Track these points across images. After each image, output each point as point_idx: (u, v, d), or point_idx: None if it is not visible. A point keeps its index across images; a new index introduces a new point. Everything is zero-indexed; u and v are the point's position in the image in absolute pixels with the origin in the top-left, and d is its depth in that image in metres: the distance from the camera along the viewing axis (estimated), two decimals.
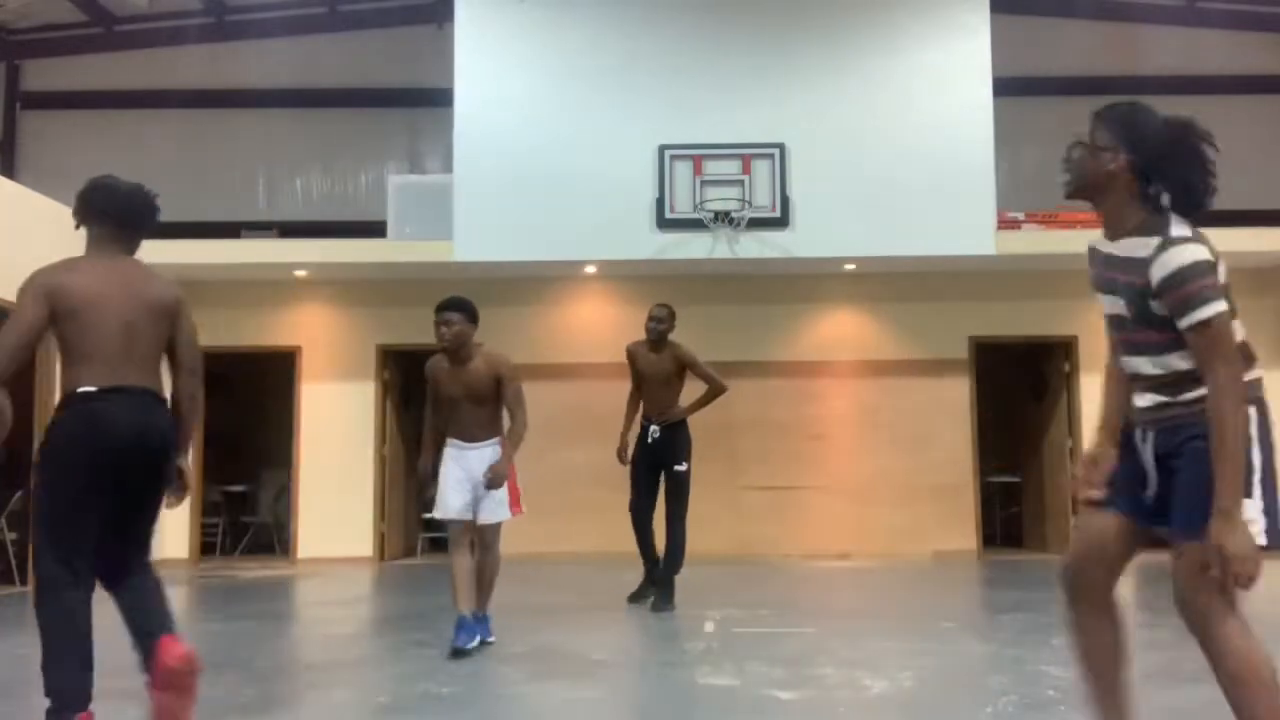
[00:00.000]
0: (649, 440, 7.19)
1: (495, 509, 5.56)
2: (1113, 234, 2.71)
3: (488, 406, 5.62)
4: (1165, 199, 2.64)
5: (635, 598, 7.32)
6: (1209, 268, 2.51)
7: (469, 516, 5.53)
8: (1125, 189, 2.67)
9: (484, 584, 5.60)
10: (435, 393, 5.62)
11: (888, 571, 9.53)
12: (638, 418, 7.37)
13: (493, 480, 5.46)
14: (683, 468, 7.15)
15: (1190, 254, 2.51)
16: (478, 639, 5.36)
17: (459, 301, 5.52)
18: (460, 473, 5.56)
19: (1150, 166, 2.64)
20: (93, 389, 3.56)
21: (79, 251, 4.11)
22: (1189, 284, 2.50)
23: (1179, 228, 2.58)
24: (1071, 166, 2.81)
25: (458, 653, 5.17)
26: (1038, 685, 4.40)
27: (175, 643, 3.51)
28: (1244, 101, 12.85)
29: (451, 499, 5.54)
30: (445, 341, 5.41)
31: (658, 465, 7.20)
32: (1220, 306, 2.50)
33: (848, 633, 5.95)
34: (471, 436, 5.63)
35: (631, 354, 7.40)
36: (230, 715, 4.10)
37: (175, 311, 3.75)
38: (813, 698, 4.26)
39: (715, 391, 7.32)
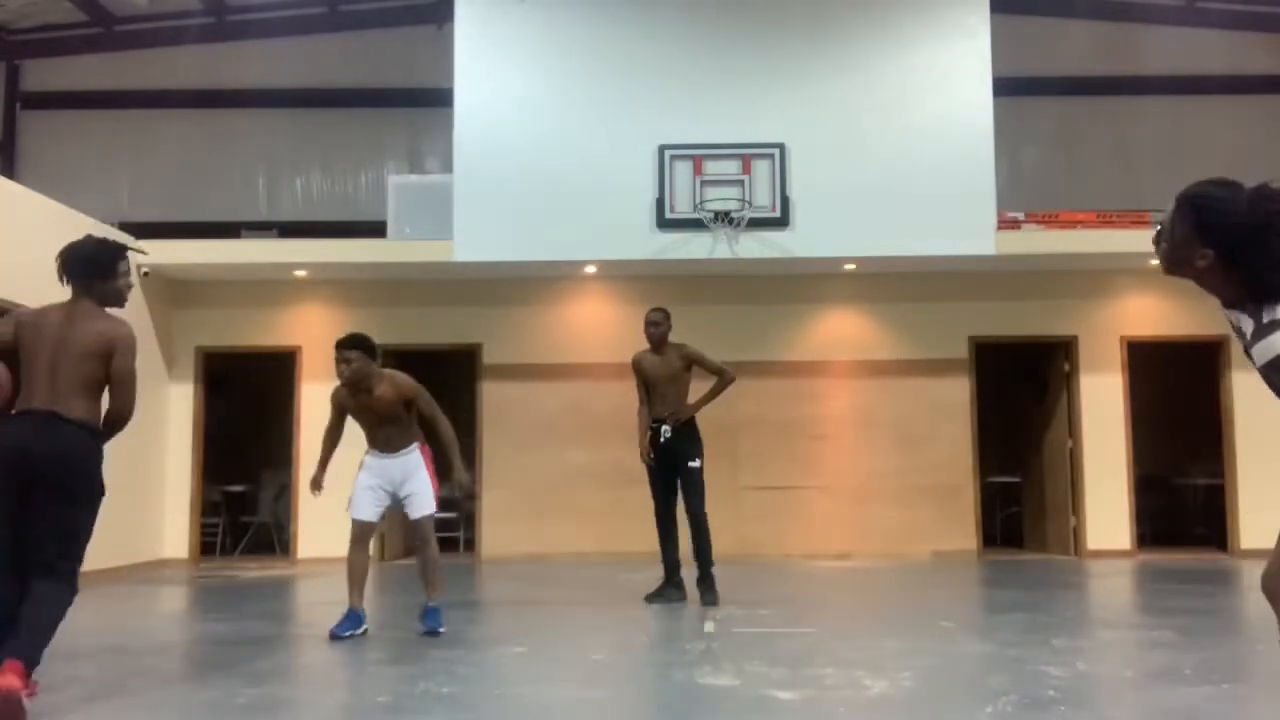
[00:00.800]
0: (661, 441, 7.27)
1: (424, 504, 6.11)
2: (1226, 304, 2.55)
3: (401, 423, 6.09)
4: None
5: (655, 598, 7.32)
6: None
7: (376, 520, 6.28)
8: (1219, 274, 2.48)
9: (432, 576, 6.07)
10: (338, 417, 6.23)
11: (888, 571, 9.53)
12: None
13: (469, 490, 6.39)
14: (696, 464, 7.22)
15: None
16: (363, 628, 5.95)
17: (357, 340, 6.01)
18: (375, 479, 6.14)
19: (1234, 256, 2.43)
20: (11, 413, 4.16)
21: None
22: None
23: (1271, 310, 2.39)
24: (1161, 256, 2.62)
25: (335, 638, 5.74)
26: (1038, 685, 4.40)
27: (8, 672, 3.76)
28: (1244, 101, 12.86)
29: (364, 502, 6.20)
30: (345, 378, 5.93)
31: (672, 466, 7.29)
32: None
33: (848, 633, 5.95)
34: (392, 448, 6.14)
35: (636, 363, 7.57)
36: (230, 715, 4.10)
37: (107, 351, 4.18)
38: (813, 698, 4.26)
39: (725, 382, 7.41)
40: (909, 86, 10.09)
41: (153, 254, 10.30)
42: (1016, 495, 12.20)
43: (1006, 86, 10.44)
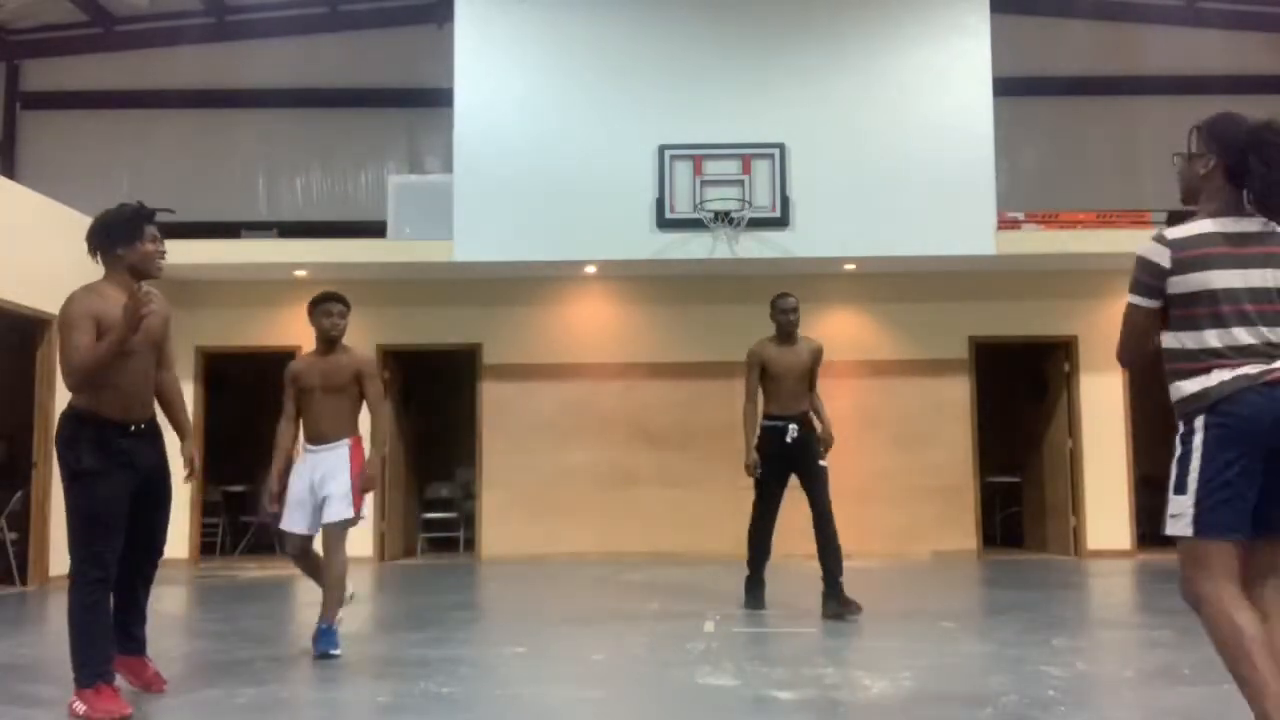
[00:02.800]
0: (788, 441, 6.66)
1: (338, 507, 5.29)
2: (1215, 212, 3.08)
3: (342, 401, 5.44)
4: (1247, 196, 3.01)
5: (756, 603, 6.74)
6: (1142, 264, 3.21)
7: (312, 532, 5.40)
8: (1216, 181, 3.05)
9: (330, 594, 5.30)
10: (297, 398, 5.59)
11: (888, 571, 9.52)
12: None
13: (367, 483, 5.32)
14: (825, 463, 6.74)
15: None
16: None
17: (341, 295, 5.63)
18: (304, 484, 5.39)
19: (1238, 166, 2.98)
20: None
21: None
22: None
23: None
24: (1179, 174, 3.21)
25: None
26: (1038, 685, 4.40)
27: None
28: (1244, 101, 12.77)
29: (295, 513, 5.40)
30: (335, 332, 5.44)
31: (793, 469, 6.72)
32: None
33: (848, 633, 5.95)
34: (321, 436, 5.44)
35: (759, 355, 6.98)
36: (230, 715, 4.10)
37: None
38: (813, 698, 4.26)
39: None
40: (909, 86, 10.09)
41: None
42: (1016, 495, 12.20)
43: (1006, 86, 10.45)
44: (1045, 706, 4.03)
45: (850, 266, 10.68)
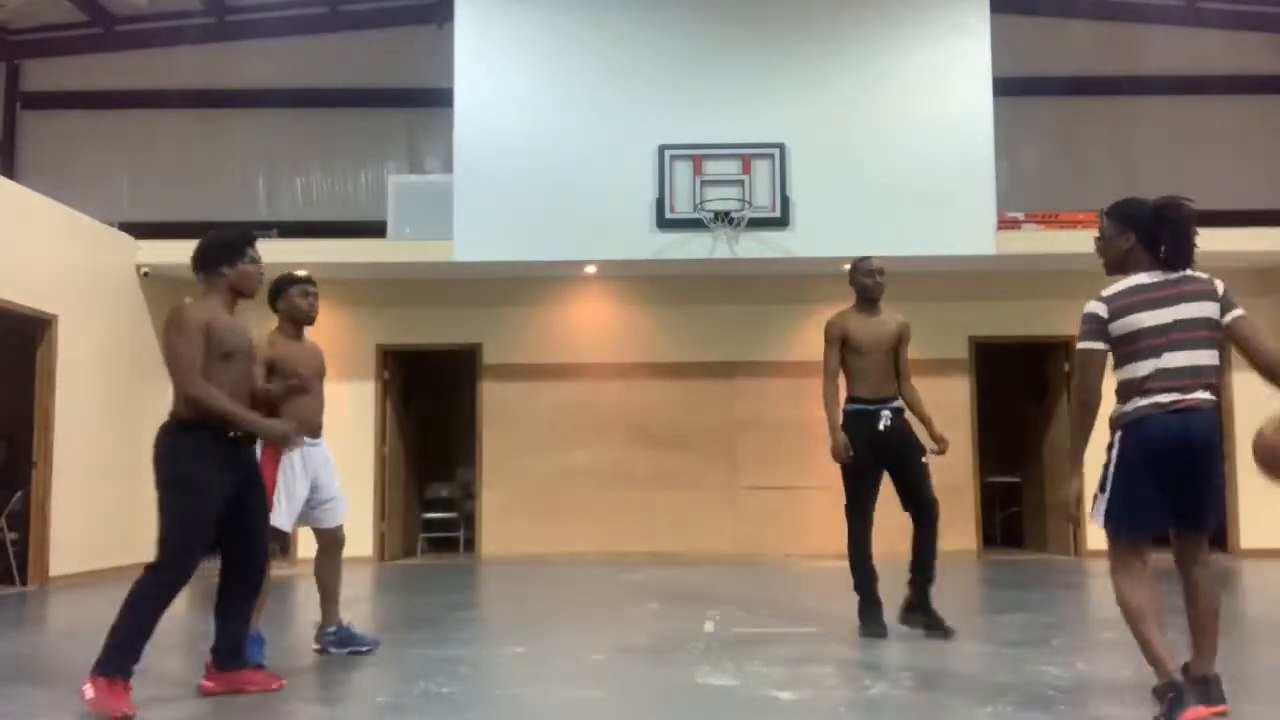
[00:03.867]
0: (881, 428, 5.83)
1: (344, 507, 5.51)
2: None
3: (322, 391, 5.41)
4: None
5: (876, 629, 5.84)
6: (1087, 317, 3.77)
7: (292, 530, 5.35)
8: (1140, 252, 3.77)
9: (332, 590, 5.51)
10: (283, 372, 5.14)
11: (888, 571, 9.50)
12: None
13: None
14: (926, 458, 5.94)
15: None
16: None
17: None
18: (305, 481, 5.27)
19: (1151, 239, 3.74)
20: None
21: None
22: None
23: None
24: (1100, 251, 3.93)
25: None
26: (1038, 685, 4.40)
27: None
28: (1244, 101, 12.86)
29: (292, 510, 5.30)
30: (314, 313, 5.41)
31: (888, 460, 5.91)
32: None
33: (848, 633, 5.95)
34: (317, 429, 5.36)
35: (839, 326, 6.01)
36: (230, 715, 4.10)
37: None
38: (813, 698, 4.26)
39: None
40: (909, 86, 10.09)
41: (153, 254, 10.34)
42: (1016, 495, 12.20)
43: (1006, 86, 10.44)
44: (1045, 707, 4.03)
45: (849, 266, 10.67)
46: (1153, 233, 3.72)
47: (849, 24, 10.25)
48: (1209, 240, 11.19)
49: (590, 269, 10.76)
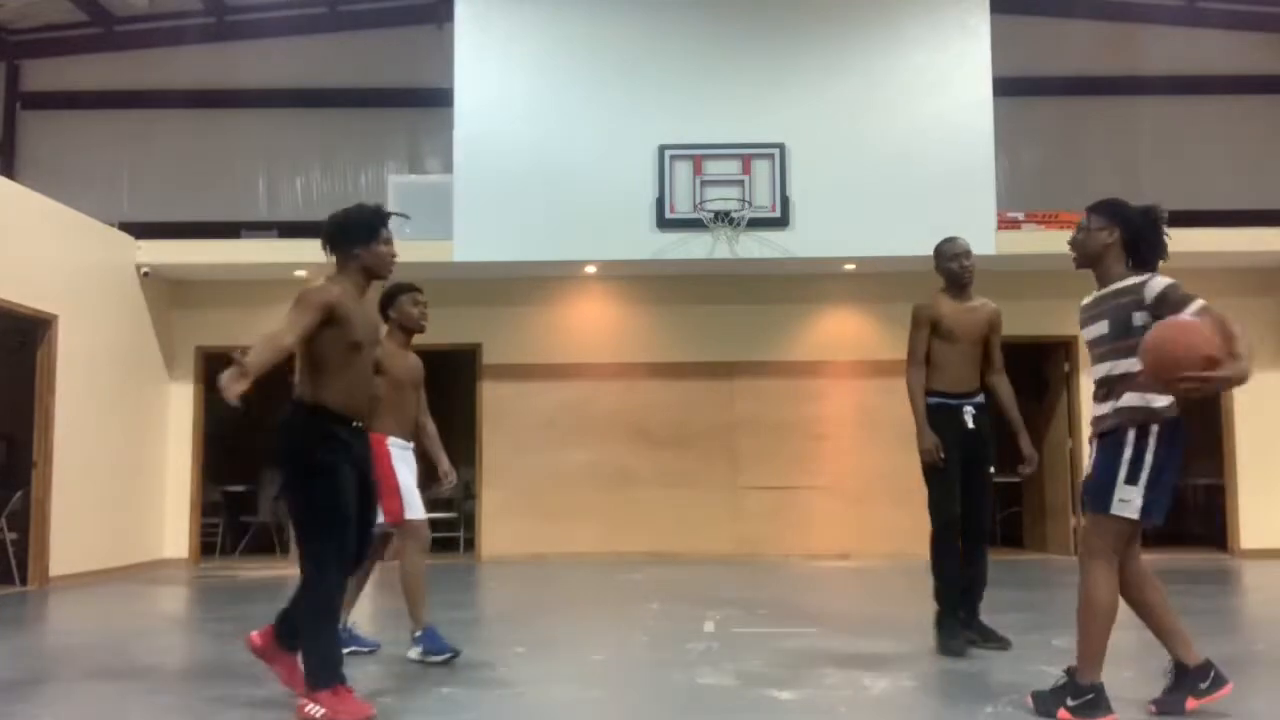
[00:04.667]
0: (969, 425, 5.35)
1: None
2: (1104, 284, 3.94)
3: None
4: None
5: (954, 648, 5.22)
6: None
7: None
8: (1115, 250, 3.95)
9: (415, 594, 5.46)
10: (386, 373, 5.04)
11: (888, 571, 9.52)
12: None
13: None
14: (992, 469, 5.54)
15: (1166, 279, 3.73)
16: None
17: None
18: (407, 470, 5.34)
19: (1134, 238, 3.90)
20: None
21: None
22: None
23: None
24: (1077, 244, 4.10)
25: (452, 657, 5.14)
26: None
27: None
28: (1244, 101, 12.87)
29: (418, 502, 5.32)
30: (424, 321, 5.25)
31: (970, 460, 5.40)
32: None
33: (848, 633, 5.95)
34: (411, 433, 5.42)
35: (931, 309, 5.46)
36: (230, 715, 4.10)
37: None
38: (813, 698, 4.26)
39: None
40: (909, 86, 10.09)
41: (153, 254, 10.34)
42: (1016, 495, 12.20)
43: (1006, 86, 10.45)
44: None
45: (850, 266, 10.68)
46: (1138, 233, 3.87)
47: (849, 24, 10.26)
48: (1209, 240, 11.23)
49: (590, 269, 10.76)
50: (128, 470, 10.16)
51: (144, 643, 6.08)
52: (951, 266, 5.51)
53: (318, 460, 3.92)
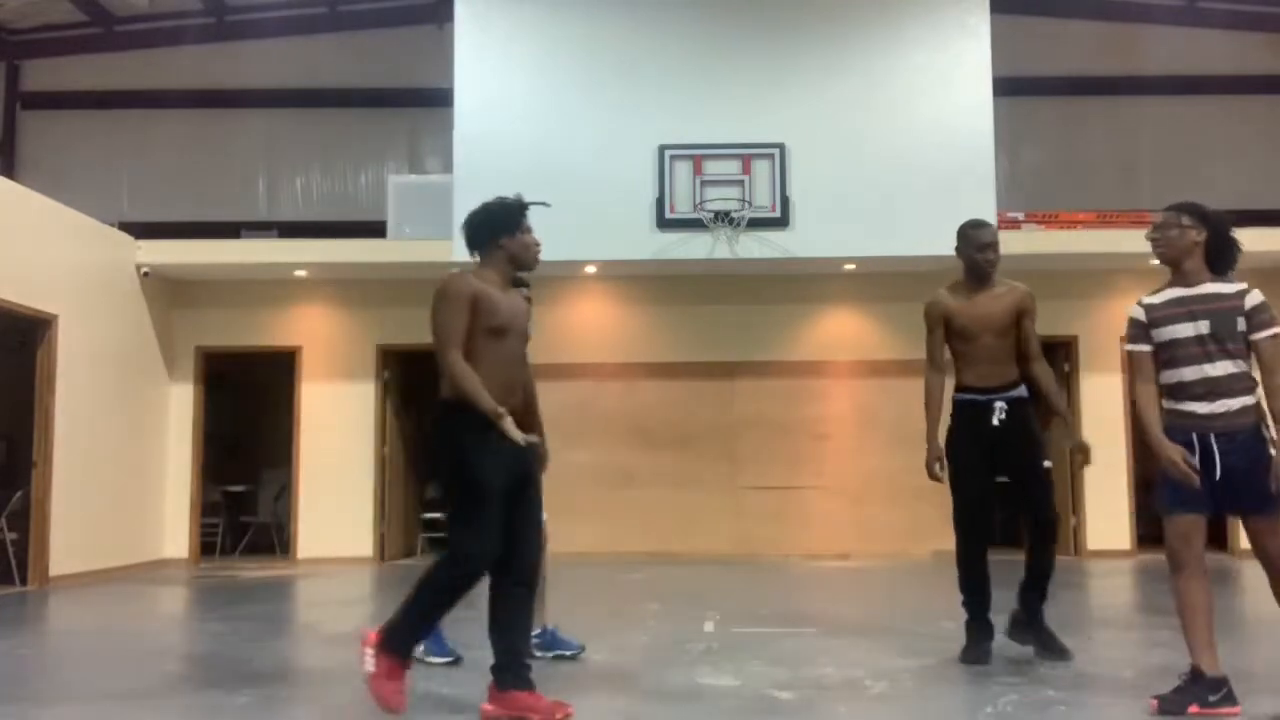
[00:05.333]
0: (995, 423, 5.02)
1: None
2: (1188, 285, 4.03)
3: None
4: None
5: (977, 656, 5.00)
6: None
7: None
8: (1199, 251, 4.05)
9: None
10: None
11: (888, 571, 9.52)
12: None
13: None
14: (1048, 462, 5.21)
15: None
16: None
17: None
18: None
19: (1217, 243, 4.08)
20: None
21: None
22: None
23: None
24: (1165, 241, 4.07)
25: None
26: (1038, 685, 4.40)
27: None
28: (1244, 101, 12.87)
29: None
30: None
31: (1004, 460, 5.13)
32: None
33: (848, 633, 5.95)
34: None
35: (941, 306, 5.23)
36: (230, 715, 4.10)
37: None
38: (813, 698, 4.26)
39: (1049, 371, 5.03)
40: (909, 86, 10.08)
41: (153, 254, 10.34)
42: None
43: (1006, 86, 10.44)
44: (1045, 706, 4.03)
45: (850, 266, 10.68)
46: (1220, 238, 4.06)
47: (849, 24, 10.25)
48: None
49: (590, 269, 10.76)
50: (128, 470, 10.16)
51: (144, 643, 6.08)
52: (975, 256, 5.19)
53: (472, 458, 3.82)
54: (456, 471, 3.84)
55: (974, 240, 5.18)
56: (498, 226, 4.12)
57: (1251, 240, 11.06)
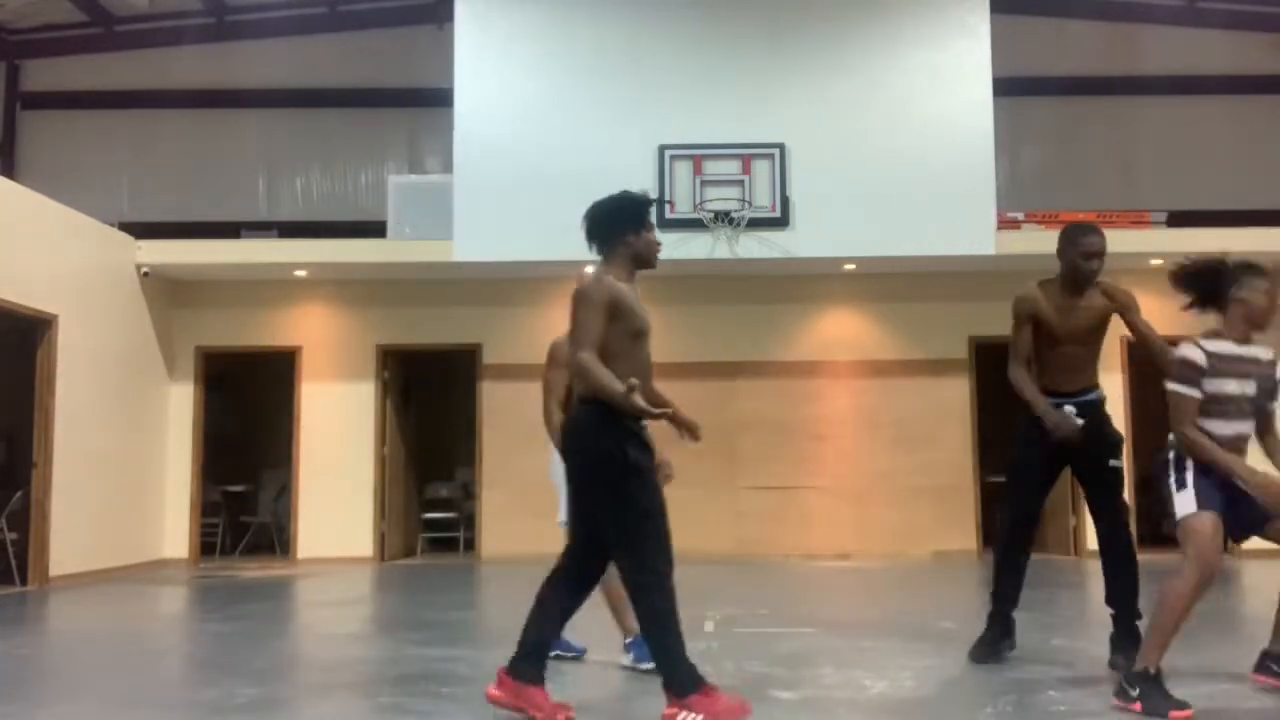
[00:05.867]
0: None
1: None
2: (1241, 341, 4.13)
3: None
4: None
5: (986, 654, 4.93)
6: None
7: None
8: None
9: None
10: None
11: (888, 571, 9.52)
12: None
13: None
14: (1119, 463, 5.04)
15: None
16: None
17: None
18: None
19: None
20: None
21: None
22: None
23: None
24: (1260, 308, 4.13)
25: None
26: (1038, 685, 4.40)
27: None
28: (1243, 101, 12.87)
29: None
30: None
31: (1077, 461, 5.11)
32: None
33: (848, 633, 5.95)
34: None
35: (1031, 304, 5.09)
36: (229, 715, 4.10)
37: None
38: (813, 698, 4.26)
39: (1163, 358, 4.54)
40: (909, 86, 10.08)
41: (153, 254, 10.34)
42: None
43: (1006, 86, 10.45)
44: (1045, 706, 4.03)
45: (850, 266, 10.68)
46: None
47: (849, 24, 10.25)
48: (1209, 240, 11.19)
49: (590, 269, 10.74)
50: (128, 470, 10.16)
51: (144, 643, 6.08)
52: (1080, 263, 4.85)
53: (630, 460, 3.71)
54: (631, 475, 3.70)
55: (1084, 248, 4.84)
56: (627, 222, 4.07)
57: (1251, 240, 11.11)
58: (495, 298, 11.09)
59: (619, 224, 4.08)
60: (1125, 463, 5.20)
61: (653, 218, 4.14)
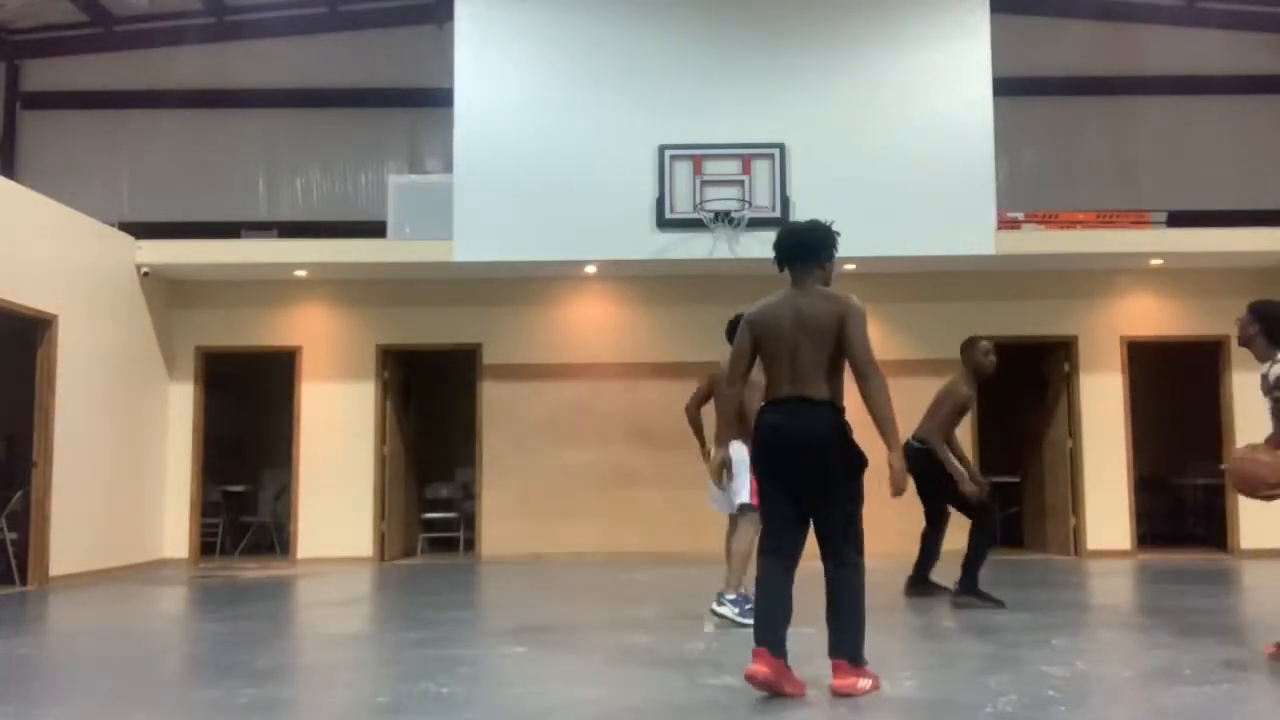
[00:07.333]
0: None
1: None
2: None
3: None
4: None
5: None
6: None
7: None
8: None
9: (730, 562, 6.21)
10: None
11: (888, 571, 9.51)
12: None
13: None
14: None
15: None
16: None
17: None
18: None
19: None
20: (764, 404, 4.53)
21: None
22: None
23: None
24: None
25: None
26: (1038, 685, 4.40)
27: (839, 672, 4.30)
28: (1244, 101, 12.87)
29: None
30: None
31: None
32: None
33: None
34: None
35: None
36: (230, 715, 4.10)
37: (836, 327, 4.40)
38: (813, 697, 4.26)
39: None
40: (909, 86, 10.08)
41: (153, 254, 10.35)
42: (1016, 495, 12.19)
43: (1006, 86, 10.44)
44: (1045, 706, 4.03)
45: (850, 266, 10.66)
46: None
47: (849, 24, 10.25)
48: (1209, 240, 11.20)
49: (590, 269, 10.76)
50: (128, 470, 10.16)
51: (144, 643, 6.08)
52: (981, 361, 7.25)
53: (859, 461, 4.48)
54: (859, 474, 4.45)
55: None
56: (829, 249, 4.59)
57: (1251, 240, 11.08)
58: (495, 298, 11.09)
59: (823, 250, 4.57)
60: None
61: (836, 249, 4.69)
